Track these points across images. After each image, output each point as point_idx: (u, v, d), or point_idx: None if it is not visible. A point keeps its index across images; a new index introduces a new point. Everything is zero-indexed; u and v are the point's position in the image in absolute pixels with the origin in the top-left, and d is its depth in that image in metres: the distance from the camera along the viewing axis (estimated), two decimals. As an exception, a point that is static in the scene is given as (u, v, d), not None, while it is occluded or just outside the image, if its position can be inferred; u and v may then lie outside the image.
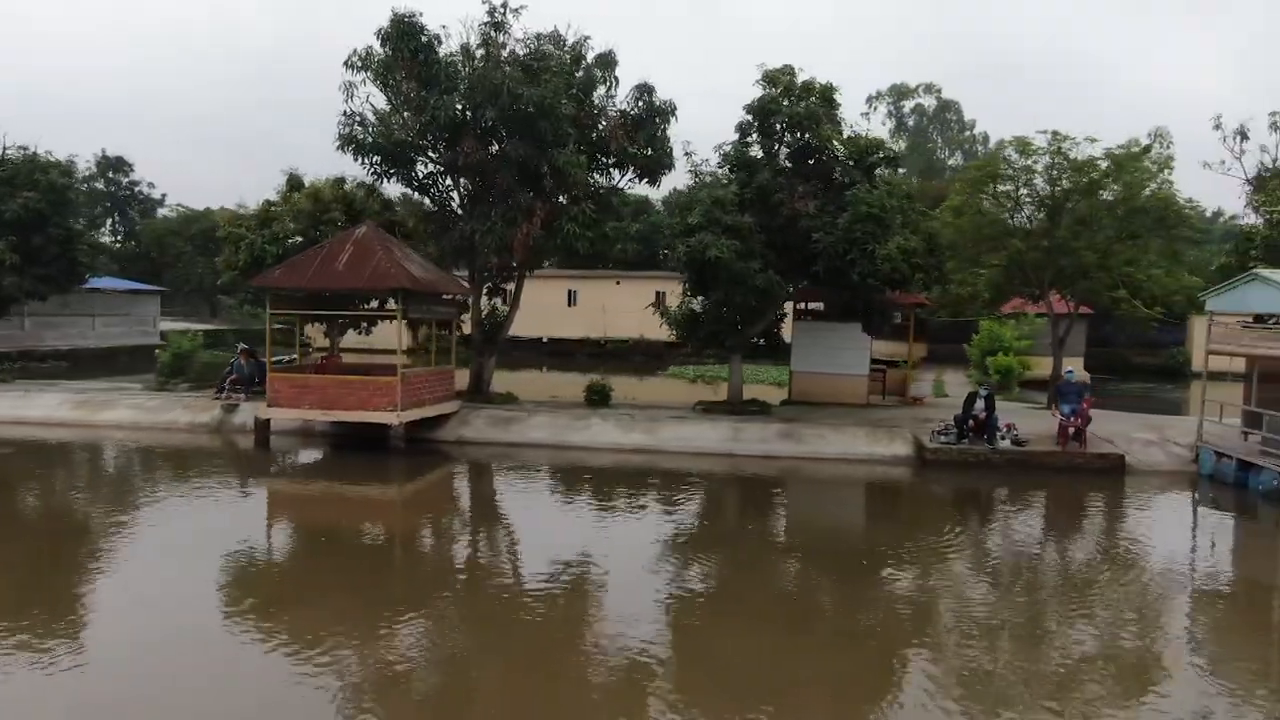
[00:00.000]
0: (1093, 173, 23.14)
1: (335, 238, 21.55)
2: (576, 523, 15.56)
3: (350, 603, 10.87)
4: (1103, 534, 15.89)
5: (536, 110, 21.46)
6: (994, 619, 10.78)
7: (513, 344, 56.50)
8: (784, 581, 12.51)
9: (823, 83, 21.84)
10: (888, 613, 11.13)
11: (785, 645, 9.84)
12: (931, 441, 20.32)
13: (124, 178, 64.59)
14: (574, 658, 9.46)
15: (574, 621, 10.56)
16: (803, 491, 18.88)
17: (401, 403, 20.15)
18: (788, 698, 8.55)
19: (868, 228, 19.25)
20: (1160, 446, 20.68)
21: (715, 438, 21.40)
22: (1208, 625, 10.99)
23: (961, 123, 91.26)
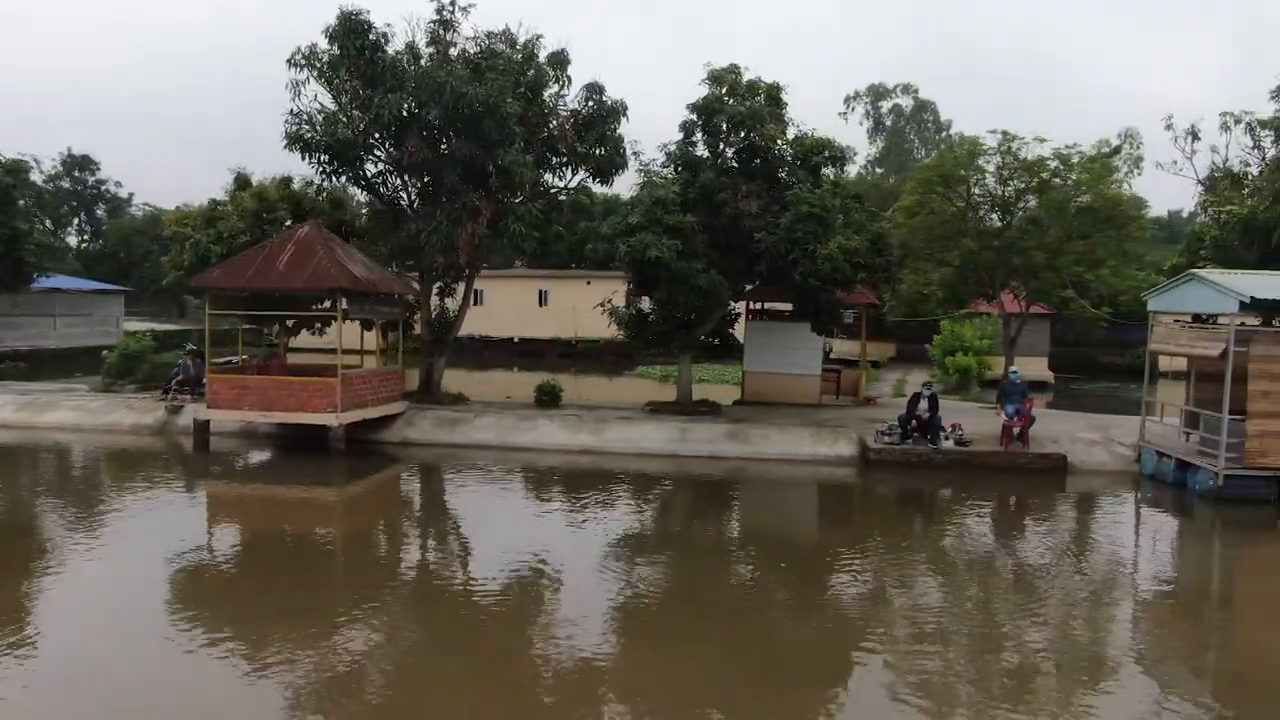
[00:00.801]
0: (1042, 172, 23.14)
1: (277, 237, 21.33)
2: (509, 526, 15.44)
3: (266, 608, 10.71)
4: (1032, 535, 15.87)
5: (481, 109, 21.28)
6: (915, 620, 10.72)
7: (484, 344, 56.75)
8: (701, 584, 12.39)
9: (769, 82, 21.80)
10: (806, 614, 11.05)
11: (695, 651, 9.74)
12: (875, 442, 20.28)
13: (90, 176, 63.95)
14: (505, 658, 9.41)
15: (502, 623, 10.49)
16: (742, 492, 18.78)
17: (342, 404, 19.95)
18: (700, 703, 8.45)
19: (809, 227, 19.18)
20: (1104, 446, 20.70)
21: (661, 439, 21.30)
22: (1117, 626, 10.94)
23: (938, 123, 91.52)
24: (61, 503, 16.23)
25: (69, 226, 64.65)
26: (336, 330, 20.76)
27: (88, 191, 64.17)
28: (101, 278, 51.91)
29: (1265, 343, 17.00)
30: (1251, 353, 16.94)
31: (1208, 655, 10.16)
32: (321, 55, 22.21)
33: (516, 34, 24.40)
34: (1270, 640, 10.85)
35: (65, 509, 15.68)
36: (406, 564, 13.57)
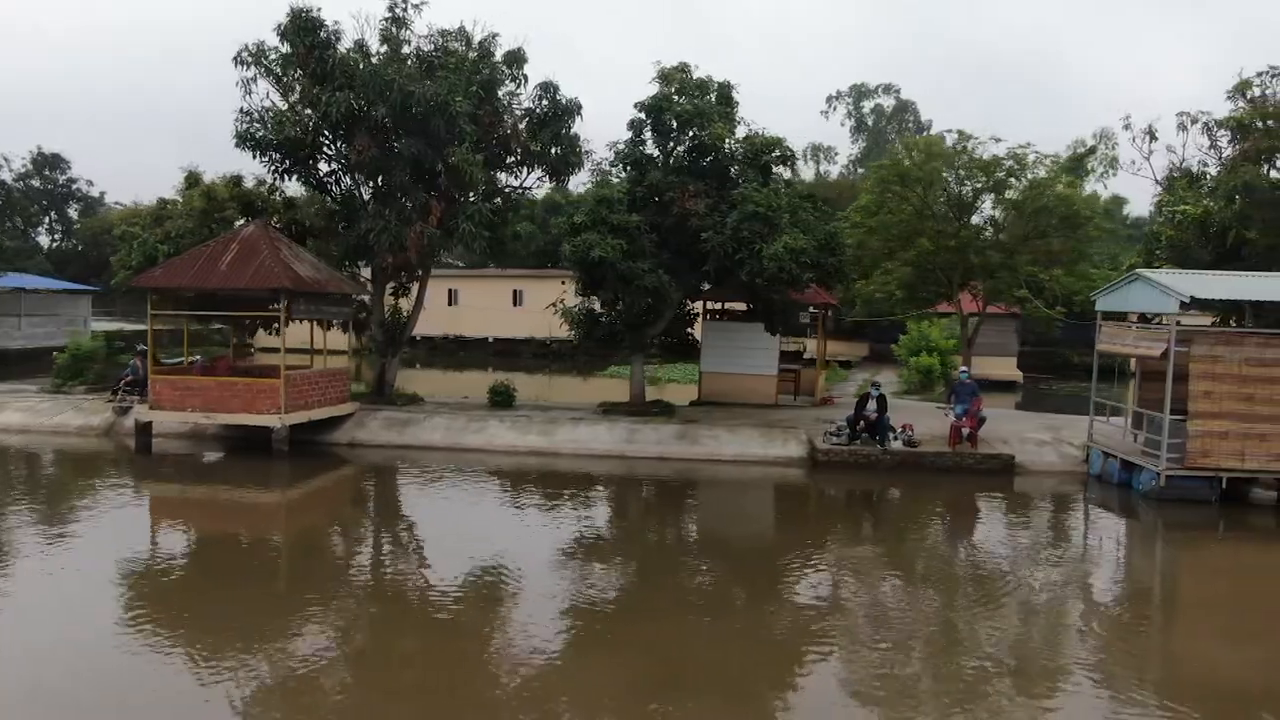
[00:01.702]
0: (997, 172, 23.07)
1: (221, 237, 21.11)
2: (447, 529, 15.36)
3: (194, 614, 10.54)
4: (965, 537, 15.82)
5: (430, 107, 21.09)
6: (836, 622, 10.60)
7: (459, 344, 56.54)
8: (624, 586, 12.25)
9: (720, 81, 21.69)
10: (724, 617, 10.91)
11: (620, 651, 9.60)
12: (823, 443, 20.18)
13: (60, 175, 63.44)
14: (441, 661, 9.33)
15: (437, 627, 10.39)
16: (684, 494, 18.64)
17: (286, 405, 19.74)
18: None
19: (754, 226, 19.07)
20: (1054, 447, 20.65)
21: (610, 439, 21.15)
22: (1036, 629, 10.83)
23: (918, 123, 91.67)
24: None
25: (40, 226, 64.19)
26: (282, 331, 20.45)
27: (59, 190, 63.67)
28: (72, 277, 51.47)
29: (1206, 342, 16.95)
30: (1192, 352, 16.90)
31: (1117, 659, 10.04)
32: (269, 53, 21.95)
33: (472, 32, 24.29)
34: (1190, 645, 10.77)
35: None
36: (337, 569, 13.34)
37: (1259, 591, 13.03)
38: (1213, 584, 13.90)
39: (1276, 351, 16.86)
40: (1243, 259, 24.21)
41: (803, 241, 19.10)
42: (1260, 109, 24.40)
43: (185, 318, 23.22)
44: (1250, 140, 23.51)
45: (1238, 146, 24.18)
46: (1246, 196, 22.64)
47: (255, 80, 22.64)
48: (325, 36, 22.31)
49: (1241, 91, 24.86)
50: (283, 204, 24.75)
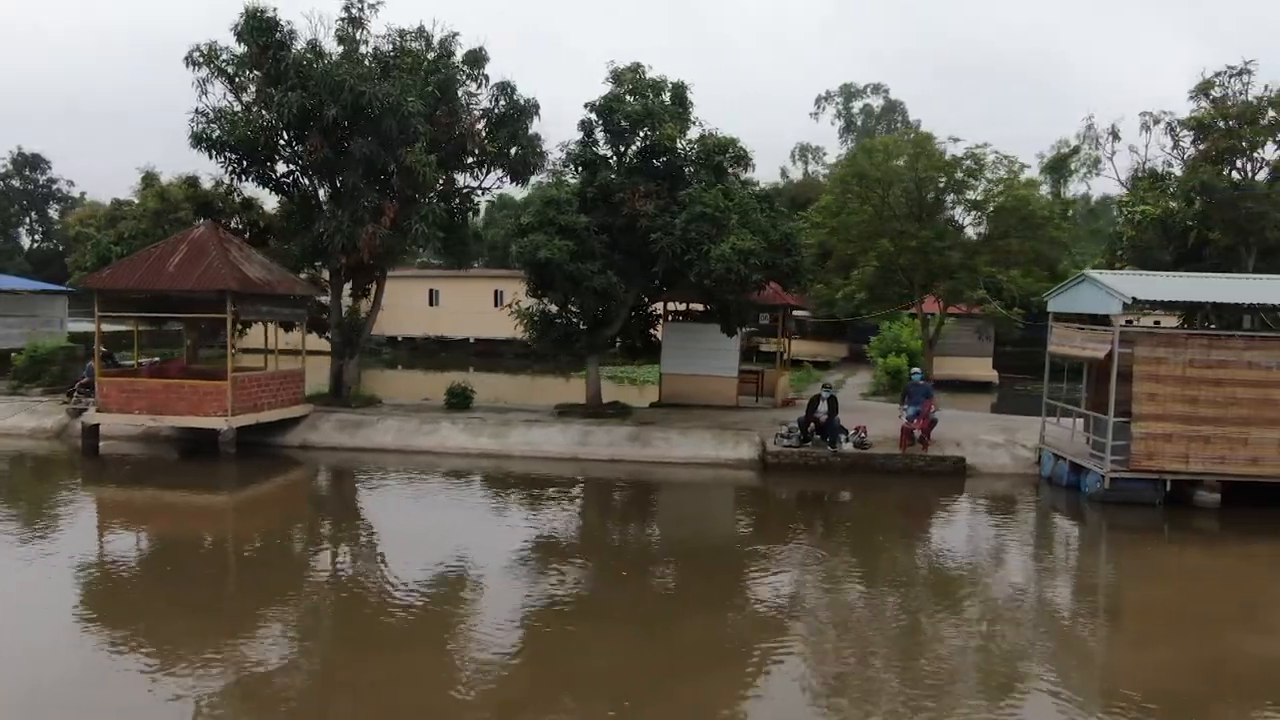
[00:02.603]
0: (955, 173, 22.96)
1: (171, 238, 20.96)
2: (387, 532, 15.25)
3: (117, 618, 10.42)
4: (904, 539, 15.72)
5: (382, 108, 20.98)
6: (764, 623, 10.50)
7: (440, 345, 56.39)
8: (544, 588, 12.12)
9: (675, 81, 21.57)
10: (650, 621, 10.79)
11: (537, 655, 9.49)
12: (775, 445, 20.07)
13: (41, 175, 63.26)
14: (373, 664, 9.27)
15: (376, 630, 10.29)
16: (630, 497, 18.53)
17: (233, 407, 19.63)
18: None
19: (702, 228, 18.95)
20: (1006, 449, 20.55)
21: (563, 442, 21.04)
22: (958, 631, 10.71)
23: (907, 123, 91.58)
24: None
25: (20, 226, 63.95)
26: (228, 332, 20.33)
27: (39, 191, 63.51)
28: (51, 278, 51.22)
29: (1150, 344, 16.86)
30: (1136, 354, 16.80)
31: (1035, 666, 9.92)
32: (220, 52, 21.82)
33: (432, 32, 24.20)
34: (1111, 652, 10.64)
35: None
36: (262, 574, 13.20)
37: (1191, 596, 12.90)
38: (1145, 588, 13.77)
39: (1221, 353, 16.76)
40: (1203, 259, 24.17)
41: (751, 242, 18.97)
42: (1221, 109, 24.31)
43: (135, 319, 23.06)
44: (1209, 140, 23.40)
45: (1198, 146, 24.07)
46: (1204, 197, 22.53)
47: (210, 81, 22.56)
48: (280, 37, 22.22)
49: (1204, 91, 24.77)
50: (241, 204, 24.64)
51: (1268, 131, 23.31)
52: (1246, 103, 23.54)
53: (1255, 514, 16.72)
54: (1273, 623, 11.58)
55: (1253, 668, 9.88)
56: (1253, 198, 22.62)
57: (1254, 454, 16.73)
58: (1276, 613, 12.03)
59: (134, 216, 22.90)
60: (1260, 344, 16.89)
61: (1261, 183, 23.58)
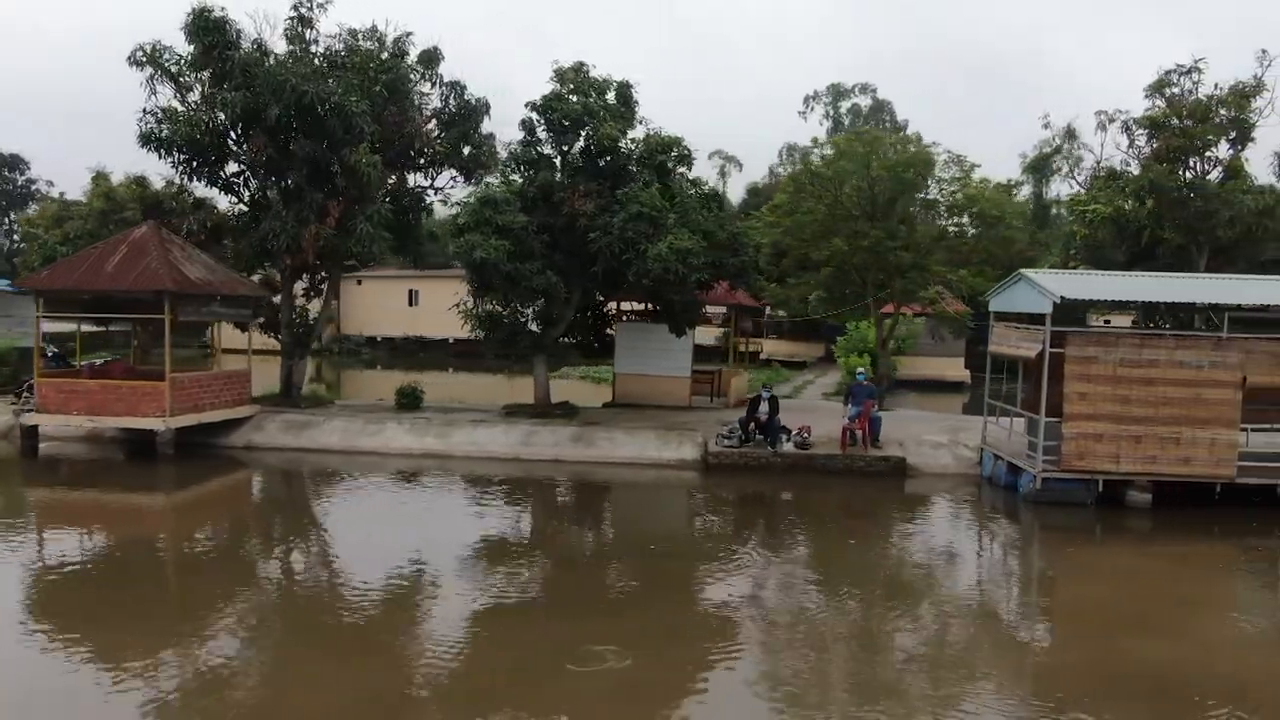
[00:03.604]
0: (905, 173, 22.89)
1: (112, 238, 20.93)
2: (316, 532, 15.19)
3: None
4: (831, 540, 15.65)
5: (326, 107, 20.92)
6: (664, 623, 10.43)
7: (420, 345, 56.31)
8: (451, 590, 12.06)
9: (619, 80, 21.52)
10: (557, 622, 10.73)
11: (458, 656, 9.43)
12: (716, 445, 20.00)
13: (19, 175, 63.19)
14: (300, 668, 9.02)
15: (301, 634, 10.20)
16: (567, 497, 18.48)
17: (171, 408, 19.56)
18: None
19: (639, 227, 18.89)
20: (950, 449, 20.49)
21: (507, 442, 20.97)
22: (871, 632, 10.65)
23: (894, 122, 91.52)
24: None
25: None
26: (166, 333, 20.20)
27: (17, 191, 63.47)
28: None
29: (1080, 343, 16.79)
30: (1067, 353, 16.74)
31: (928, 667, 9.86)
32: (162, 52, 21.76)
33: (385, 32, 24.11)
34: (1006, 653, 10.56)
35: None
36: (169, 577, 13.16)
37: (1107, 597, 12.82)
38: (1064, 588, 13.74)
39: (1152, 352, 16.69)
40: (1157, 259, 24.09)
41: (690, 242, 18.90)
42: (1175, 107, 24.22)
43: (78, 319, 23.00)
44: (1161, 139, 23.33)
45: (1152, 145, 24.00)
46: (1154, 195, 22.46)
47: (157, 80, 22.48)
48: (228, 36, 22.15)
49: (1159, 90, 24.68)
50: (193, 205, 24.57)
51: (1219, 130, 23.23)
52: (1198, 101, 23.47)
53: (1186, 514, 16.66)
54: (1170, 624, 11.50)
55: (1139, 668, 9.80)
56: (1203, 196, 22.56)
57: (1185, 454, 16.65)
58: (1177, 614, 11.94)
59: (80, 217, 22.81)
60: (1190, 343, 16.83)
61: (1213, 182, 23.51)
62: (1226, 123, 23.37)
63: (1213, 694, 9.08)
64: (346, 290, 58.01)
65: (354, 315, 57.27)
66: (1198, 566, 14.55)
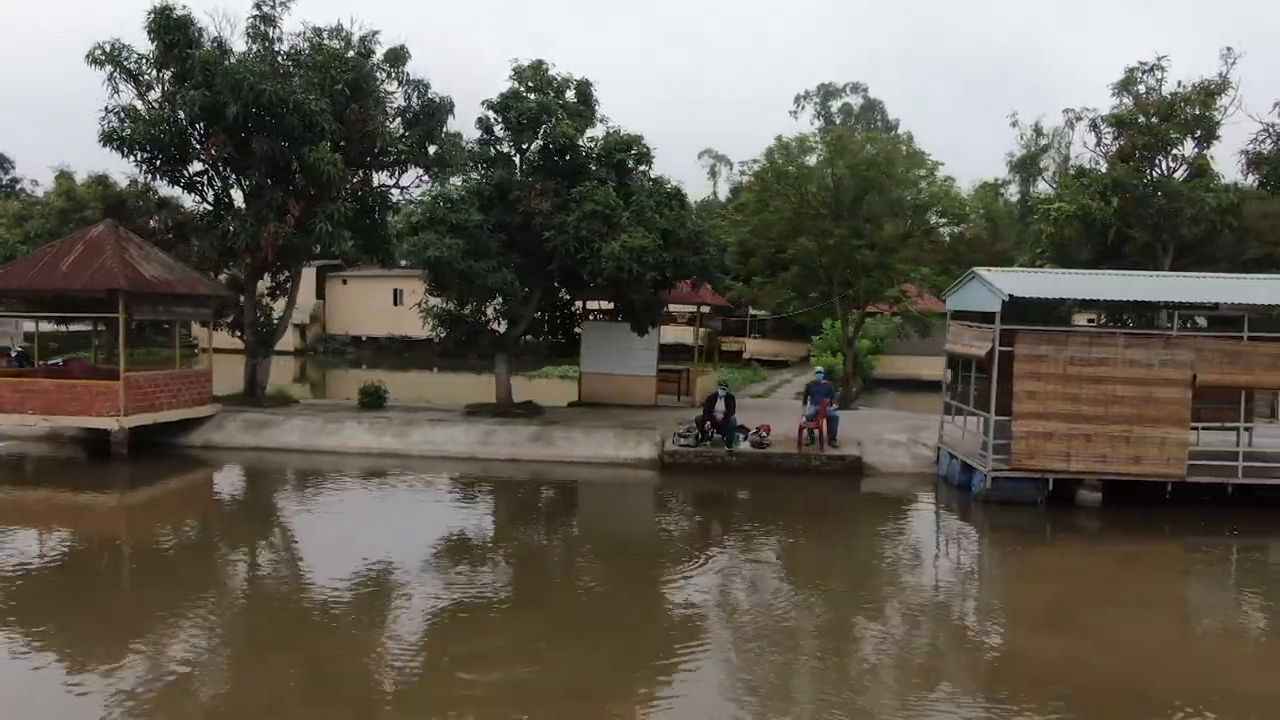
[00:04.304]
0: (869, 171, 22.81)
1: (69, 237, 20.95)
2: (258, 533, 15.12)
3: None
4: (774, 540, 15.56)
5: (284, 106, 20.88)
6: (594, 623, 10.36)
7: (405, 345, 56.22)
8: (386, 591, 12.00)
9: (579, 79, 21.47)
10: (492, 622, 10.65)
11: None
12: (672, 444, 19.94)
13: (4, 175, 63.25)
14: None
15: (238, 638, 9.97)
16: (513, 497, 18.38)
17: (126, 407, 19.52)
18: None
19: (594, 225, 18.82)
20: (907, 448, 20.43)
21: (465, 441, 20.92)
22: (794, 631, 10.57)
23: (885, 122, 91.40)
24: None
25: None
26: (121, 332, 20.16)
27: (1, 190, 63.56)
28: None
29: (1030, 342, 16.70)
30: (1017, 352, 16.67)
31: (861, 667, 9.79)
32: (120, 50, 21.70)
33: (351, 30, 24.04)
34: (930, 656, 10.49)
35: None
36: (103, 578, 13.09)
37: (1046, 597, 12.77)
38: (1006, 588, 13.66)
39: (1102, 351, 16.62)
40: (1123, 257, 24.01)
41: (644, 240, 18.84)
42: (1143, 105, 24.14)
43: (36, 318, 22.98)
44: (1126, 137, 23.25)
45: (1119, 143, 23.93)
46: (1119, 194, 22.39)
47: (119, 79, 22.44)
48: (189, 35, 22.10)
49: (1125, 87, 24.60)
50: (157, 203, 24.56)
51: (1183, 128, 23.14)
52: (1162, 99, 23.38)
53: (1136, 513, 16.60)
54: (1094, 623, 11.42)
55: (1058, 668, 9.73)
56: (1167, 194, 22.48)
57: (1136, 453, 16.57)
58: (1108, 613, 11.85)
59: (41, 216, 22.76)
60: (1141, 342, 16.75)
61: (1178, 180, 23.43)
62: (1191, 120, 23.28)
63: (1125, 694, 9.00)
64: (331, 290, 58.03)
65: (339, 315, 57.25)
66: (1142, 566, 14.48)
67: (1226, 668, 10.01)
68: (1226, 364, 16.56)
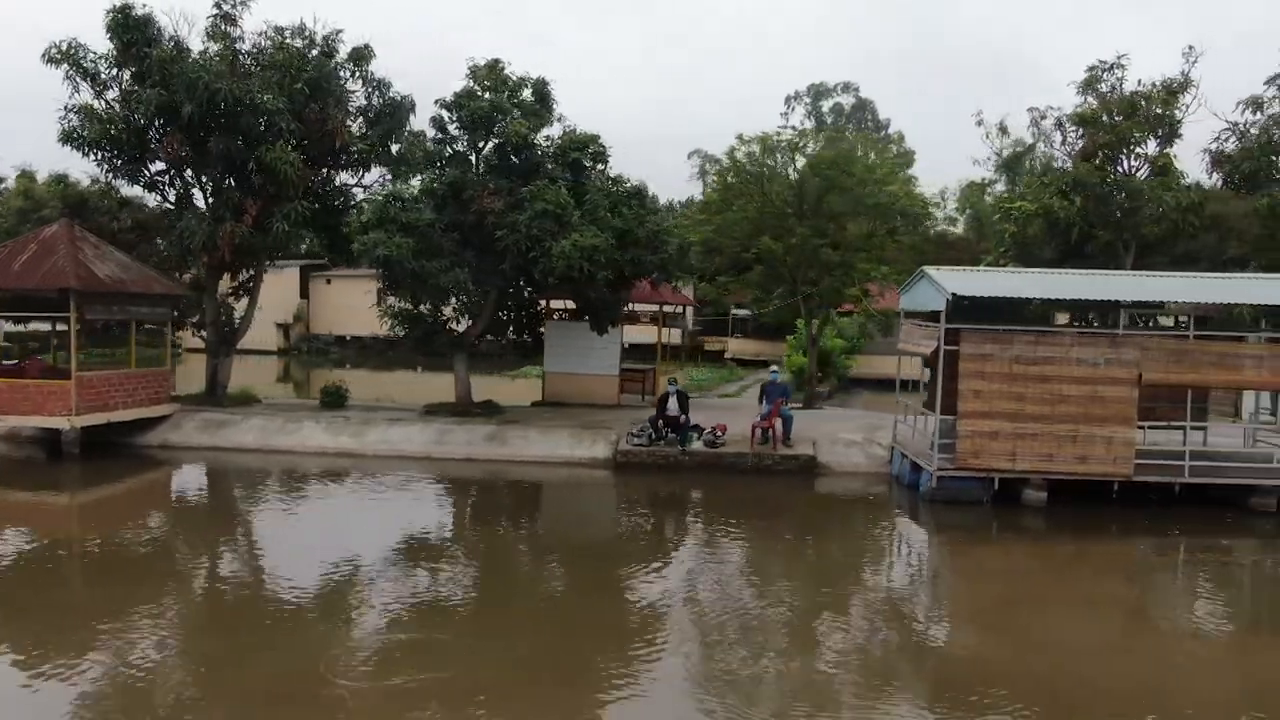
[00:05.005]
0: (828, 170, 22.76)
1: (23, 236, 20.90)
2: (199, 534, 15.09)
3: None
4: (713, 540, 15.52)
5: (240, 105, 20.86)
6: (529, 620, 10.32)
7: (389, 344, 56.07)
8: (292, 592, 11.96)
9: (535, 77, 21.44)
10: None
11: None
12: (625, 443, 19.90)
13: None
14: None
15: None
16: (457, 496, 18.36)
17: (78, 406, 19.49)
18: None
19: (545, 224, 18.78)
20: (862, 448, 20.38)
21: (421, 441, 20.89)
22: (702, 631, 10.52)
23: (876, 121, 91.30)
24: None
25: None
26: (71, 331, 20.10)
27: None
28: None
29: (975, 340, 16.65)
30: (962, 350, 16.62)
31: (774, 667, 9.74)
32: (76, 49, 21.67)
33: (314, 30, 24.01)
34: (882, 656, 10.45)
35: None
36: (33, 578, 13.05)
37: (994, 597, 12.74)
38: (939, 588, 13.59)
39: (1048, 350, 16.57)
40: (1086, 256, 23.96)
41: (594, 239, 18.79)
42: (1107, 103, 24.07)
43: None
44: (1089, 136, 23.19)
45: (1081, 142, 23.88)
46: (1078, 192, 22.34)
47: (77, 78, 22.41)
48: (148, 34, 22.07)
49: (1090, 86, 24.54)
50: (119, 203, 24.52)
51: (1142, 126, 23.07)
52: (1123, 97, 23.33)
53: (1082, 513, 16.56)
54: (1017, 624, 11.38)
55: (985, 667, 9.69)
56: (1127, 193, 22.42)
57: (1082, 452, 16.53)
58: (1035, 614, 11.81)
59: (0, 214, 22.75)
60: (1087, 341, 16.71)
61: (1141, 178, 23.37)
62: (1153, 119, 23.21)
63: (1064, 693, 8.98)
64: (316, 290, 58.01)
65: (323, 315, 57.23)
66: (1085, 566, 14.44)
67: (1166, 668, 9.98)
68: (1172, 363, 16.50)
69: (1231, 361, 16.55)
